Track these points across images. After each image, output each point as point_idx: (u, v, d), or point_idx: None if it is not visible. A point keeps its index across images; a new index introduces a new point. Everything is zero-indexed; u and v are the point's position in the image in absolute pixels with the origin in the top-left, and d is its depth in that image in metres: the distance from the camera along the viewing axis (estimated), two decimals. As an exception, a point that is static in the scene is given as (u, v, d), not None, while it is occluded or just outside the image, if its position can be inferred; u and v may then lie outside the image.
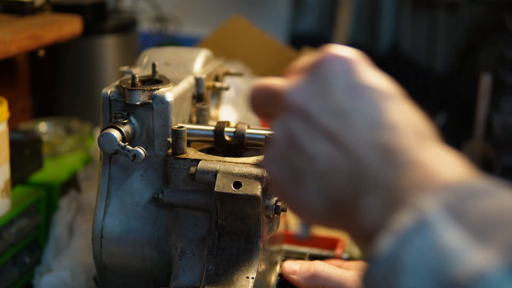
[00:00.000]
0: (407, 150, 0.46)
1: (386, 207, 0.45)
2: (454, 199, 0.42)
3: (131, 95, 0.72)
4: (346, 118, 0.48)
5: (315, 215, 0.51)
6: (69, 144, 1.18)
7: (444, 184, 0.43)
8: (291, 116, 0.51)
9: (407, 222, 0.41)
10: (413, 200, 0.43)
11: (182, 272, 0.72)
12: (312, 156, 0.49)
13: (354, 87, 0.49)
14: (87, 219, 1.02)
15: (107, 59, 1.37)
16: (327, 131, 0.49)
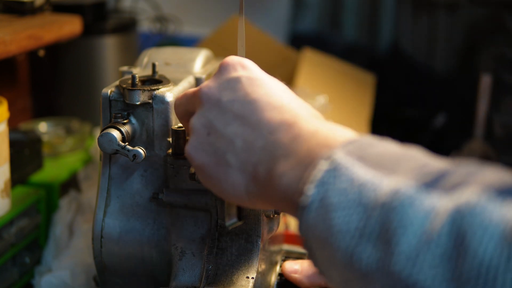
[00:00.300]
0: (306, 122, 0.55)
1: (298, 168, 0.52)
2: (355, 149, 0.49)
3: (131, 95, 0.72)
4: (253, 102, 0.58)
5: (239, 194, 0.58)
6: (69, 144, 1.18)
7: (343, 140, 0.51)
8: (206, 107, 0.60)
9: (323, 170, 0.48)
10: (322, 155, 0.50)
11: (182, 272, 0.72)
12: (229, 137, 0.58)
13: (254, 79, 0.60)
14: (87, 219, 1.02)
15: (107, 59, 1.37)
16: (239, 115, 0.58)
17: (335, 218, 0.46)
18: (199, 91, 0.62)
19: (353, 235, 0.45)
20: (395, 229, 0.42)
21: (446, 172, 0.45)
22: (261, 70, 0.62)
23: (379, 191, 0.45)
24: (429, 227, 0.41)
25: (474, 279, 0.38)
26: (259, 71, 0.62)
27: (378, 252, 0.43)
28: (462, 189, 0.42)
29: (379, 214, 0.44)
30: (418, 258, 0.41)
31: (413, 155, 0.49)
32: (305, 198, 0.49)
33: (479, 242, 0.39)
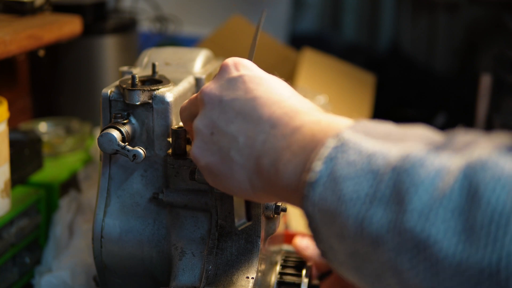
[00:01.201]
0: (308, 114, 0.56)
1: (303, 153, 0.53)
2: (361, 127, 0.50)
3: (131, 95, 0.72)
4: (255, 99, 0.59)
5: (245, 188, 0.59)
6: (69, 144, 1.18)
7: (345, 124, 0.52)
8: (208, 107, 0.61)
9: (330, 147, 0.49)
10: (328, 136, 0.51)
11: (182, 272, 0.72)
12: (232, 134, 0.59)
13: (254, 77, 0.61)
14: (87, 219, 1.02)
15: (107, 59, 1.37)
16: (240, 113, 0.59)
17: (344, 188, 0.46)
18: (200, 93, 0.63)
19: (363, 201, 0.45)
20: (407, 189, 0.43)
21: (453, 137, 0.46)
22: (261, 70, 0.63)
23: (388, 157, 0.46)
24: (440, 184, 0.42)
25: (487, 226, 0.39)
26: (259, 70, 0.63)
27: (389, 214, 0.44)
28: (471, 148, 0.44)
29: (390, 177, 0.45)
30: (430, 213, 0.41)
31: (419, 129, 0.50)
32: (313, 175, 0.49)
33: (491, 192, 0.40)
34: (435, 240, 0.41)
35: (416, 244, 0.42)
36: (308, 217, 0.51)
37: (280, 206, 0.70)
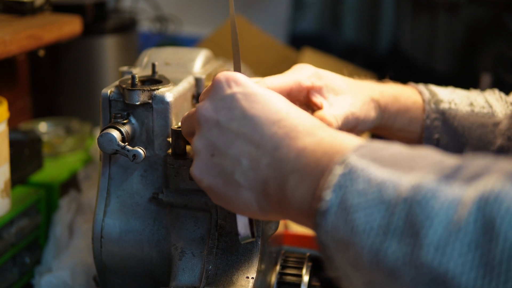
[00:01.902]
0: (308, 134, 0.55)
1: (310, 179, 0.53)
2: (367, 152, 0.50)
3: (131, 95, 0.72)
4: (252, 120, 0.58)
5: (253, 209, 0.59)
6: (69, 144, 1.18)
7: (351, 145, 0.51)
8: (205, 128, 0.60)
9: (338, 174, 0.48)
10: (334, 161, 0.50)
11: (182, 272, 0.72)
12: (234, 156, 0.58)
13: (249, 95, 0.59)
14: (87, 219, 1.02)
15: (107, 59, 1.37)
16: (239, 133, 0.58)
17: (357, 219, 0.46)
18: (196, 113, 0.62)
19: (377, 232, 0.45)
20: (422, 222, 0.43)
21: (463, 164, 0.46)
22: (254, 84, 0.61)
23: (399, 187, 0.46)
24: (455, 217, 0.42)
25: (506, 261, 0.39)
26: (253, 85, 0.61)
27: (405, 247, 0.44)
28: (483, 178, 0.43)
29: (402, 209, 0.45)
30: (447, 247, 0.41)
31: (427, 153, 0.49)
32: (323, 204, 0.49)
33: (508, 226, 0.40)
34: (453, 274, 0.41)
35: (433, 278, 0.42)
36: (322, 245, 0.51)
37: (280, 206, 0.70)
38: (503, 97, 0.89)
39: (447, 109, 0.85)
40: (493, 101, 0.88)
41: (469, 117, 0.86)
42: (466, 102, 0.87)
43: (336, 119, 0.75)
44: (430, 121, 0.85)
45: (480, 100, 0.87)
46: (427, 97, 0.86)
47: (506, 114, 0.86)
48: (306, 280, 0.78)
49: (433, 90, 0.87)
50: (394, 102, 0.84)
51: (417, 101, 0.86)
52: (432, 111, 0.85)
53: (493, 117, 0.86)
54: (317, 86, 0.78)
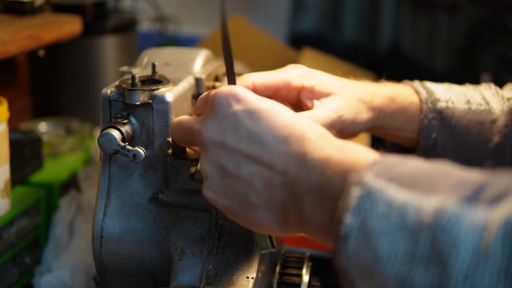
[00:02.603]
0: (317, 149, 0.54)
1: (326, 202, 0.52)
2: (383, 169, 0.48)
3: (131, 95, 0.72)
4: (259, 140, 0.56)
5: (272, 228, 0.58)
6: (69, 144, 1.17)
7: (363, 163, 0.50)
8: (212, 150, 0.58)
9: (356, 196, 0.47)
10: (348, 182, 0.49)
11: (182, 272, 0.72)
12: (246, 178, 0.57)
13: (253, 112, 0.57)
14: (87, 219, 1.02)
15: (107, 59, 1.37)
16: (248, 155, 0.56)
17: (380, 245, 0.45)
18: (199, 135, 0.60)
19: (402, 260, 0.44)
20: (448, 251, 0.42)
21: (485, 184, 0.45)
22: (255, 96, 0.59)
23: (421, 212, 0.45)
24: (482, 244, 0.41)
25: None
26: (254, 99, 0.59)
27: (432, 276, 0.43)
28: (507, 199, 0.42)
29: (426, 235, 0.44)
30: (476, 277, 0.41)
31: (445, 170, 0.48)
32: (343, 228, 0.48)
33: None
34: None
35: None
36: (344, 271, 0.49)
37: (280, 206, 0.70)
38: (499, 92, 0.89)
39: (445, 108, 0.85)
40: (490, 97, 0.88)
41: (466, 115, 0.85)
42: (463, 100, 0.87)
43: (320, 121, 0.74)
44: (428, 120, 0.85)
45: (477, 97, 0.87)
46: (424, 97, 0.85)
47: (503, 110, 0.86)
48: (306, 280, 0.78)
49: (430, 89, 0.87)
50: (390, 103, 0.83)
51: (414, 101, 0.85)
52: (429, 110, 0.85)
53: (490, 114, 0.86)
54: (308, 86, 0.77)
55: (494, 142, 0.86)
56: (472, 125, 0.85)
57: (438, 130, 0.85)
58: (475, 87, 0.90)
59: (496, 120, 0.85)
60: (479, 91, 0.89)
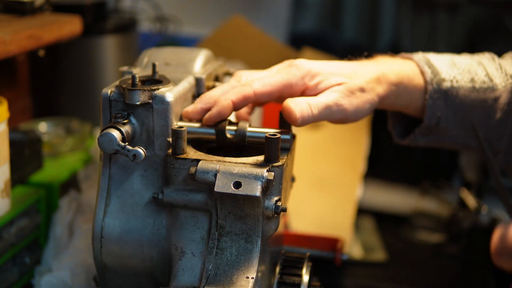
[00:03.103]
0: None
1: None
2: None
3: (131, 95, 0.72)
4: None
5: None
6: (69, 144, 1.18)
7: None
8: None
9: None
10: None
11: (182, 272, 0.72)
12: None
13: None
14: (87, 219, 1.02)
15: (107, 59, 1.37)
16: None
17: None
18: None
19: None
20: None
21: None
22: None
23: None
24: None
25: None
26: None
27: None
28: None
29: None
30: None
31: None
32: None
33: None
34: None
35: None
36: None
37: (280, 206, 0.70)
38: (502, 67, 0.90)
39: (449, 87, 0.86)
40: (493, 72, 0.89)
41: (470, 94, 0.87)
42: (467, 78, 0.88)
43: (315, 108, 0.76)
44: (433, 101, 0.86)
45: (481, 73, 0.88)
46: (429, 77, 0.86)
47: (506, 86, 0.87)
48: (306, 280, 0.78)
49: (435, 67, 0.87)
50: (395, 89, 0.84)
51: (419, 84, 0.86)
52: (434, 91, 0.86)
53: (494, 92, 0.87)
54: (311, 85, 0.78)
55: (496, 118, 0.88)
56: (476, 104, 0.87)
57: (442, 109, 0.87)
58: (479, 61, 0.91)
59: (499, 98, 0.87)
60: (483, 66, 0.90)
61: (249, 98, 0.76)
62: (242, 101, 0.76)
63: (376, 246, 1.27)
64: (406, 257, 1.26)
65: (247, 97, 0.75)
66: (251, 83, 0.76)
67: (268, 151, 0.70)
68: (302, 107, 0.74)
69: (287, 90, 0.77)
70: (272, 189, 0.70)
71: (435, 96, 0.86)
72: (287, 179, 0.76)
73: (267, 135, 0.70)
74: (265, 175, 0.68)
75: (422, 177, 1.47)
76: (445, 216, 1.38)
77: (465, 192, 1.37)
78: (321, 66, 0.81)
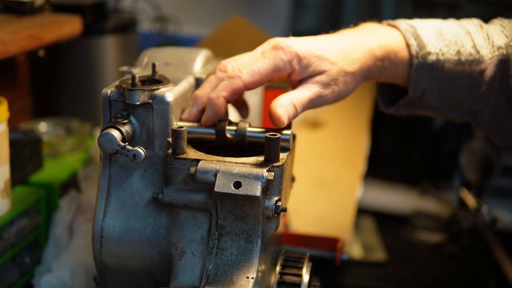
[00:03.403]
0: None
1: None
2: None
3: (131, 95, 0.72)
4: None
5: None
6: (69, 144, 1.18)
7: None
8: None
9: None
10: None
11: (182, 272, 0.72)
12: None
13: None
14: (87, 219, 1.02)
15: (107, 59, 1.37)
16: None
17: None
18: None
19: None
20: None
21: None
22: None
23: None
24: None
25: None
26: None
27: None
28: None
29: None
30: None
31: None
32: None
33: None
34: None
35: None
36: None
37: (280, 206, 0.70)
38: (489, 37, 0.89)
39: (435, 61, 0.86)
40: (481, 42, 0.88)
41: (456, 67, 0.86)
42: (454, 50, 0.87)
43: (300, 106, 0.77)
44: (417, 74, 0.85)
45: (468, 45, 0.87)
46: (415, 50, 0.85)
47: (492, 59, 0.87)
48: (306, 280, 0.78)
49: (421, 39, 0.86)
50: (380, 65, 0.84)
51: (404, 57, 0.86)
52: (419, 65, 0.85)
53: (480, 64, 0.86)
54: (298, 69, 0.79)
55: (481, 90, 0.87)
56: (461, 76, 0.87)
57: (427, 83, 0.86)
58: (467, 30, 0.89)
59: (485, 70, 0.87)
60: (470, 36, 0.88)
61: (240, 90, 0.76)
62: (234, 95, 0.76)
63: (376, 246, 1.27)
64: (406, 257, 1.26)
65: (238, 90, 0.76)
66: (239, 74, 0.76)
67: (268, 151, 0.70)
68: (288, 110, 0.76)
69: (275, 75, 0.79)
70: (272, 189, 0.70)
71: (420, 70, 0.85)
72: (287, 179, 0.76)
73: (267, 135, 0.70)
74: (265, 175, 0.68)
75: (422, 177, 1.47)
76: (445, 216, 1.38)
77: (465, 192, 1.37)
78: (306, 48, 0.82)
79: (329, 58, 0.81)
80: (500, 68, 0.87)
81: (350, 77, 0.82)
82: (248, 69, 0.77)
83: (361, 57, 0.83)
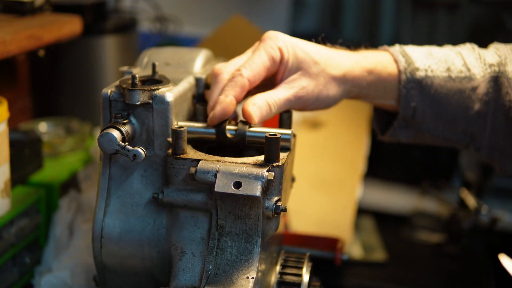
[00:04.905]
0: None
1: None
2: None
3: (131, 95, 0.72)
4: None
5: None
6: (69, 144, 1.18)
7: None
8: None
9: None
10: None
11: (182, 272, 0.72)
12: None
13: None
14: (87, 219, 1.02)
15: (107, 59, 1.37)
16: None
17: None
18: None
19: None
20: None
21: None
22: None
23: None
24: None
25: None
26: None
27: None
28: None
29: None
30: None
31: None
32: None
33: None
34: None
35: None
36: None
37: (280, 206, 0.70)
38: (481, 56, 0.88)
39: (424, 77, 0.86)
40: (472, 61, 0.87)
41: (446, 84, 0.86)
42: (443, 67, 0.86)
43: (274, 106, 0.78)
44: (406, 90, 0.85)
45: (458, 63, 0.87)
46: (403, 66, 0.86)
47: (484, 76, 0.86)
48: (306, 280, 0.78)
49: (410, 57, 0.87)
50: (367, 76, 0.84)
51: (392, 72, 0.86)
52: (408, 80, 0.85)
53: (471, 81, 0.86)
54: (285, 58, 0.80)
55: (475, 110, 0.86)
56: (452, 94, 0.86)
57: (417, 100, 0.86)
58: (457, 51, 0.89)
59: (477, 88, 0.86)
60: (461, 55, 0.88)
61: (245, 87, 0.77)
62: (242, 92, 0.77)
63: (376, 246, 1.27)
64: (406, 257, 1.26)
65: (243, 87, 0.77)
66: (240, 73, 0.77)
67: (268, 151, 0.70)
68: (261, 109, 0.76)
69: (272, 66, 0.80)
70: (272, 189, 0.70)
71: (409, 86, 0.85)
72: (287, 179, 0.76)
73: (267, 135, 0.70)
74: (265, 175, 0.68)
75: (422, 177, 1.47)
76: (445, 216, 1.38)
77: (465, 192, 1.37)
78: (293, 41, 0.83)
79: (313, 57, 0.82)
80: (493, 86, 0.86)
81: (333, 82, 0.82)
82: (246, 66, 0.78)
83: (347, 64, 0.83)
